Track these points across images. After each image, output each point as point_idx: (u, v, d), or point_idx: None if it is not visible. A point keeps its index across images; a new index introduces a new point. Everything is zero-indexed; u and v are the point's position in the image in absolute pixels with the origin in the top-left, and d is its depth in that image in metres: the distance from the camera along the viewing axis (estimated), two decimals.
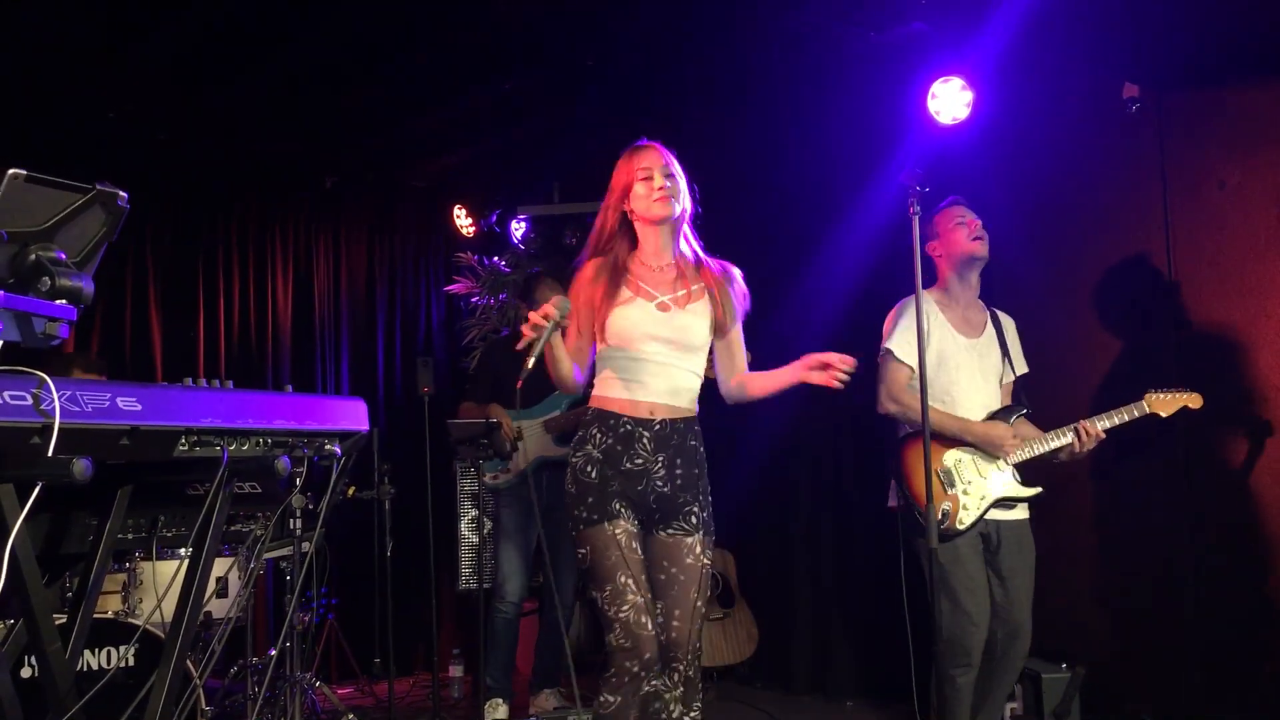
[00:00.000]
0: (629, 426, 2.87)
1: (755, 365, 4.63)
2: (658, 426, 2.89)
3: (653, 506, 2.88)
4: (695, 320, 2.96)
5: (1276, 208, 3.86)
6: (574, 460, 2.90)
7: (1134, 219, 4.28)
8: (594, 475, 2.85)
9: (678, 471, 2.89)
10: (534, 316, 2.69)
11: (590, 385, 3.03)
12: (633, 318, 2.90)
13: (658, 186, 2.90)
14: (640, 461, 2.86)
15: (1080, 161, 4.48)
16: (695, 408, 3.00)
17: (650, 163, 2.93)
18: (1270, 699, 3.81)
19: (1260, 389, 3.88)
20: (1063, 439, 3.62)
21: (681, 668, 2.85)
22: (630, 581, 2.77)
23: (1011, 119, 4.58)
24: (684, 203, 2.97)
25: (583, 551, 2.85)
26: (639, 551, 2.85)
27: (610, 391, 2.93)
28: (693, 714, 2.86)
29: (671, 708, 2.83)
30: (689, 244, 3.03)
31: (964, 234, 3.74)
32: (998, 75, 4.45)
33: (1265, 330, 3.88)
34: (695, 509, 2.90)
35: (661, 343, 2.91)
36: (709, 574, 2.93)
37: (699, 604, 2.89)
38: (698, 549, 2.89)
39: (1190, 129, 4.13)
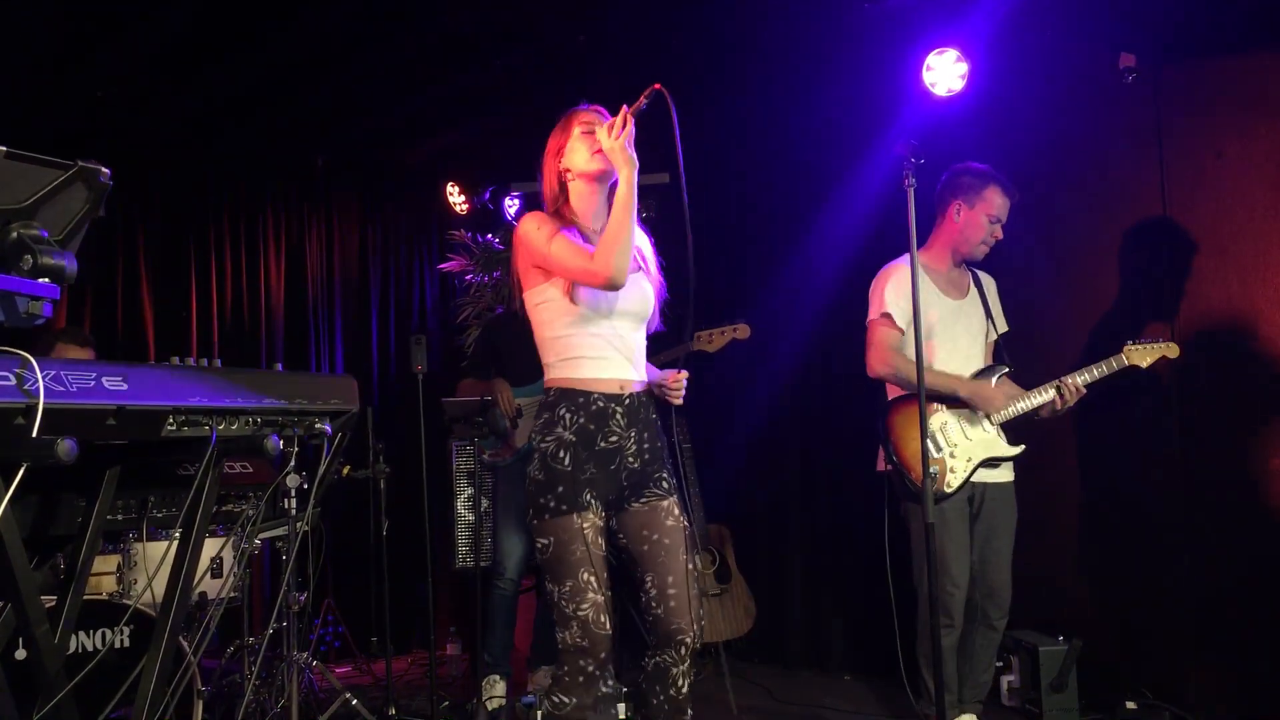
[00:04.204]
0: (601, 403, 2.74)
1: (755, 332, 4.62)
2: (628, 401, 2.77)
3: (624, 485, 2.77)
4: (648, 286, 2.88)
5: (1274, 177, 3.84)
6: (543, 445, 2.73)
7: (1131, 189, 4.25)
8: (567, 461, 2.70)
9: (646, 446, 2.79)
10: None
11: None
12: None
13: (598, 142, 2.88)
14: (614, 440, 2.74)
15: (1076, 132, 4.44)
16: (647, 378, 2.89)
17: (592, 119, 2.94)
18: (1265, 672, 3.81)
19: (1257, 356, 3.86)
20: (1045, 395, 3.64)
21: (688, 640, 2.71)
22: (593, 579, 2.65)
23: (1007, 90, 4.55)
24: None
25: (544, 543, 2.70)
26: (603, 547, 2.71)
27: (576, 368, 2.77)
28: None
29: (680, 683, 2.72)
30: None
31: (987, 233, 3.72)
32: (993, 46, 4.41)
33: (1262, 297, 3.87)
34: (665, 474, 2.82)
35: (626, 314, 2.80)
36: (691, 536, 2.80)
37: (690, 566, 2.75)
38: (676, 510, 2.80)
39: (1187, 99, 4.09)
